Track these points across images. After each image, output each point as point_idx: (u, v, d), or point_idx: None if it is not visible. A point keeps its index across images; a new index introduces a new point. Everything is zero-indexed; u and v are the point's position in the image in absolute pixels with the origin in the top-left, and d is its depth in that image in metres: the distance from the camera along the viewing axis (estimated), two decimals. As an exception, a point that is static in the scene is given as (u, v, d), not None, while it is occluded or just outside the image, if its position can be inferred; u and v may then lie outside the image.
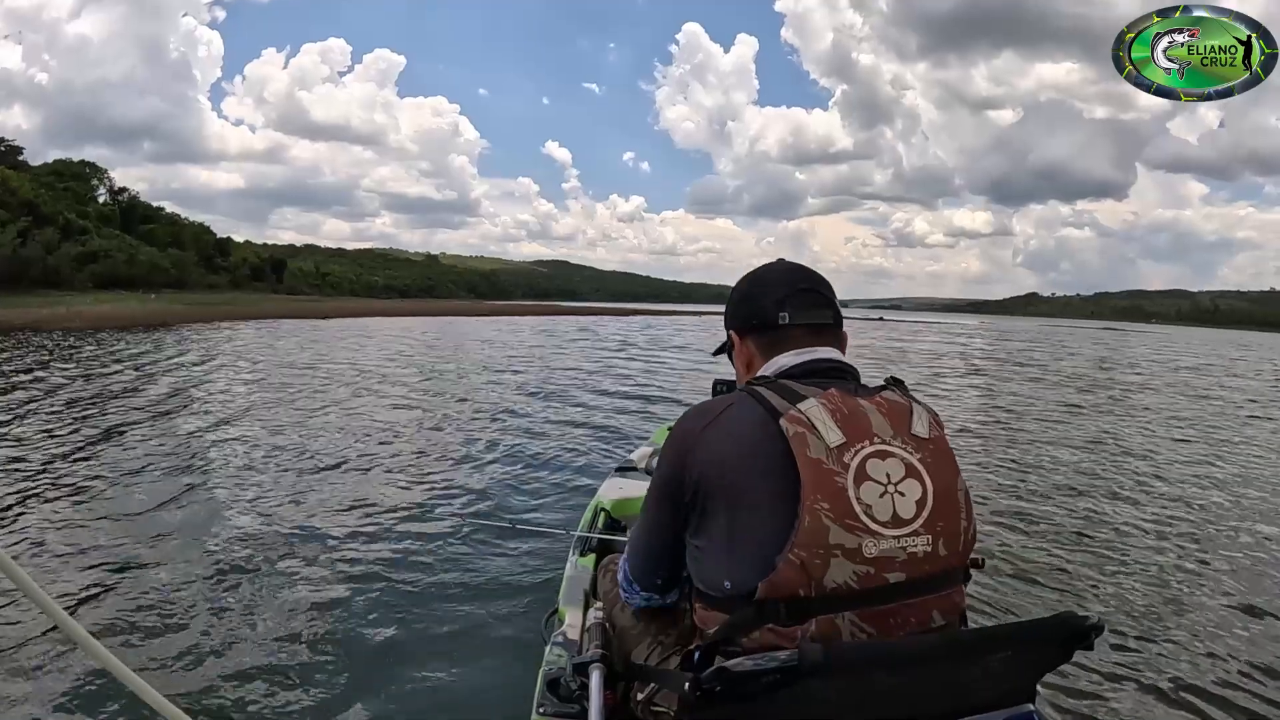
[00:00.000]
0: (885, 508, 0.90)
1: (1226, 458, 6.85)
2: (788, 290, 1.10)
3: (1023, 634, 0.95)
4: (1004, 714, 0.91)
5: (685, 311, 72.98)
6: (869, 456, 0.91)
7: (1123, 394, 12.61)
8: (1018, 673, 0.93)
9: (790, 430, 0.91)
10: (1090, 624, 0.91)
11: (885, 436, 0.93)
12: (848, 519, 0.88)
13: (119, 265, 48.47)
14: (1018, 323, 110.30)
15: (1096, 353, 27.75)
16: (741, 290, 1.17)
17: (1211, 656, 2.72)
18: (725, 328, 1.19)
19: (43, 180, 53.75)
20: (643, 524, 1.11)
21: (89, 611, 2.88)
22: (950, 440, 1.00)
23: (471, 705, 2.30)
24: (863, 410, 0.94)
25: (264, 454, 5.72)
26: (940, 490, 0.93)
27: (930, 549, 0.91)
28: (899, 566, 0.89)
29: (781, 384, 0.98)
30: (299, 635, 2.73)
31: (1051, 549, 3.86)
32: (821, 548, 0.87)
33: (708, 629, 0.96)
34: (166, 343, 16.89)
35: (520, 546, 3.55)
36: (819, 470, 0.89)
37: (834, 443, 0.90)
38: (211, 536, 3.76)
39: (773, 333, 1.09)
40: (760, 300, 1.12)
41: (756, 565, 0.89)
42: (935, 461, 0.94)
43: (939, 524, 0.92)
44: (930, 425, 0.97)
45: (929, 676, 0.88)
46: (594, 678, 1.14)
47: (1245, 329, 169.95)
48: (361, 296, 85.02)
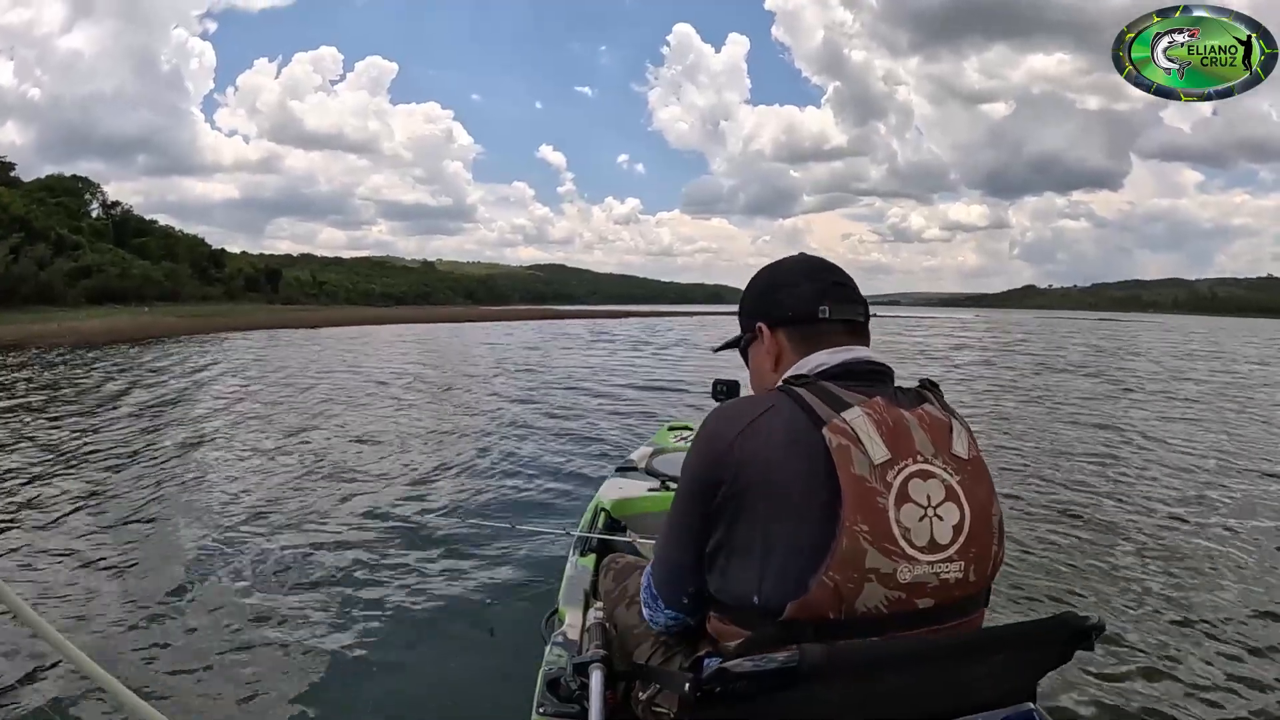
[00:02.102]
0: (923, 532, 0.86)
1: (1244, 450, 6.69)
2: (825, 283, 1.04)
3: (1023, 634, 0.94)
4: (1004, 713, 0.89)
5: (680, 312, 73.17)
6: (911, 476, 0.87)
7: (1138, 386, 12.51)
8: (1018, 672, 0.92)
9: (834, 441, 0.86)
10: (1090, 624, 0.90)
11: (927, 455, 0.89)
12: (886, 543, 0.84)
13: (112, 279, 48.39)
14: (1015, 315, 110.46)
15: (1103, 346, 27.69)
16: (769, 280, 1.09)
17: (1213, 656, 2.68)
18: (744, 320, 1.11)
19: (35, 196, 53.66)
20: (668, 536, 1.03)
21: (95, 630, 2.82)
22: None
23: (472, 705, 2.31)
24: (906, 424, 0.89)
25: (259, 460, 5.73)
26: (976, 515, 0.89)
27: (961, 575, 0.88)
28: (929, 592, 0.86)
29: (822, 386, 0.92)
30: (298, 636, 2.75)
31: (1051, 547, 3.78)
32: (857, 571, 0.84)
33: (723, 641, 0.93)
34: (152, 354, 16.71)
35: (520, 546, 3.56)
36: (861, 488, 0.84)
37: (878, 459, 0.86)
38: (208, 539, 3.79)
39: (810, 327, 1.02)
40: (796, 291, 1.04)
41: (787, 583, 0.86)
42: (973, 485, 0.91)
43: (972, 550, 0.89)
44: (969, 444, 0.93)
45: (930, 676, 0.86)
46: (594, 678, 1.13)
47: (1243, 316, 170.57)
48: (358, 304, 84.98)
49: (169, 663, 2.58)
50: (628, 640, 1.24)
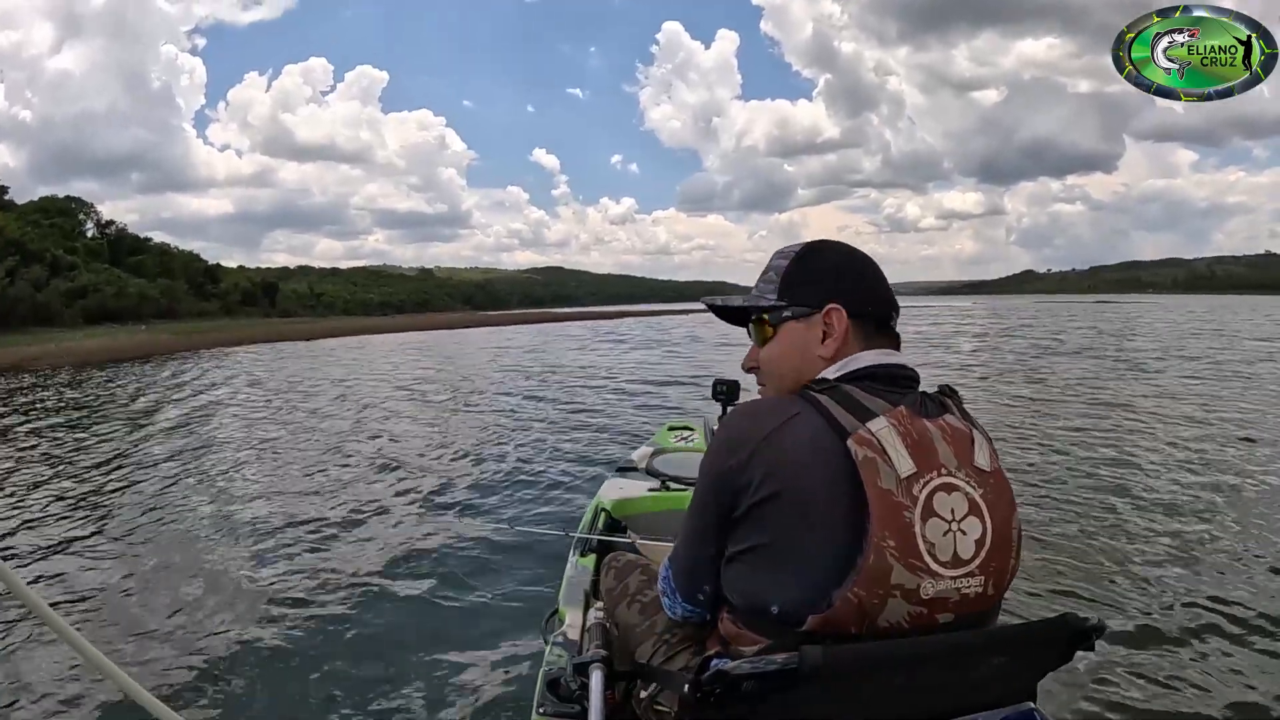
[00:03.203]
0: (947, 547, 0.85)
1: (1257, 442, 6.54)
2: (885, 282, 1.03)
3: (1024, 634, 0.93)
4: (1005, 713, 0.89)
5: (676, 311, 73.33)
6: (936, 490, 0.85)
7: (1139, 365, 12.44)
8: (1019, 672, 0.91)
9: (859, 454, 0.84)
10: (1091, 625, 0.90)
11: (951, 467, 0.87)
12: (911, 558, 0.83)
13: (108, 298, 48.46)
14: (1013, 301, 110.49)
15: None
16: (859, 266, 1.02)
17: (1214, 656, 2.65)
18: (798, 292, 1.01)
19: (29, 218, 53.69)
20: (687, 532, 1.01)
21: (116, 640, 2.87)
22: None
23: (472, 705, 2.32)
24: (930, 436, 0.87)
25: (257, 464, 5.83)
26: (998, 529, 0.88)
27: (982, 590, 0.87)
28: (950, 607, 0.85)
29: (845, 392, 0.89)
30: (298, 636, 2.78)
31: (1051, 546, 3.75)
32: (882, 588, 0.82)
33: (735, 645, 0.92)
34: (162, 371, 16.69)
35: (520, 547, 3.57)
36: (889, 503, 0.83)
37: (905, 472, 0.84)
38: (210, 543, 3.85)
39: (876, 326, 0.99)
40: (879, 289, 1.01)
41: (809, 595, 0.84)
42: (995, 498, 0.89)
43: (993, 564, 0.88)
44: (990, 456, 0.91)
45: (930, 677, 0.86)
46: (594, 678, 1.13)
47: (1243, 293, 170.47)
48: (356, 315, 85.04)
49: (168, 661, 2.62)
50: (629, 639, 1.23)
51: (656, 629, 1.17)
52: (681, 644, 1.11)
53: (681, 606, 1.06)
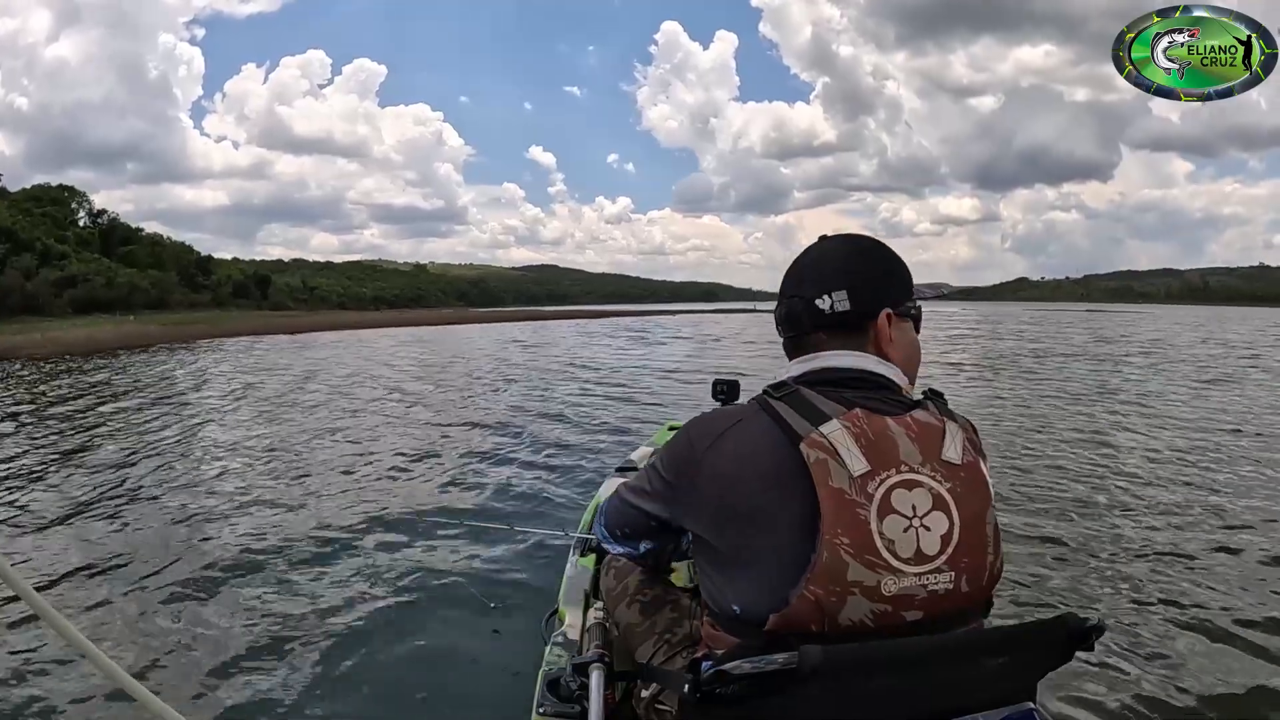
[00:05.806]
0: (909, 543, 0.84)
1: (1252, 440, 6.57)
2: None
3: (1023, 635, 0.92)
4: (1005, 713, 0.89)
5: (670, 311, 73.23)
6: (894, 487, 0.85)
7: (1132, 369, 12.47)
8: (1018, 673, 0.91)
9: (811, 456, 0.84)
10: (1091, 625, 0.90)
11: (913, 464, 0.86)
12: (868, 555, 0.83)
13: (98, 289, 48.14)
14: (1007, 308, 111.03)
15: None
16: (809, 261, 1.03)
17: (1214, 656, 2.63)
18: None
19: (21, 206, 53.33)
20: (628, 495, 1.08)
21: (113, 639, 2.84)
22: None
23: (472, 705, 2.32)
24: (890, 434, 0.87)
25: (255, 464, 5.71)
26: (967, 523, 0.87)
27: (952, 586, 0.86)
28: (917, 605, 0.85)
29: (801, 397, 0.90)
30: (297, 637, 2.76)
31: (1050, 546, 3.72)
32: (839, 585, 0.83)
33: (714, 646, 0.93)
34: (134, 363, 16.58)
35: (520, 547, 3.57)
36: (840, 501, 0.83)
37: (858, 471, 0.84)
38: (209, 545, 3.83)
39: (843, 326, 0.98)
40: (835, 287, 0.99)
41: (767, 595, 0.85)
42: (965, 491, 0.88)
43: (963, 560, 0.87)
44: (964, 448, 0.90)
45: (930, 677, 0.86)
46: (594, 678, 1.14)
47: (1236, 305, 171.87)
48: (350, 309, 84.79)
49: (169, 660, 2.62)
50: (629, 639, 1.24)
51: (656, 629, 1.19)
52: (681, 644, 1.13)
53: (615, 547, 1.18)
